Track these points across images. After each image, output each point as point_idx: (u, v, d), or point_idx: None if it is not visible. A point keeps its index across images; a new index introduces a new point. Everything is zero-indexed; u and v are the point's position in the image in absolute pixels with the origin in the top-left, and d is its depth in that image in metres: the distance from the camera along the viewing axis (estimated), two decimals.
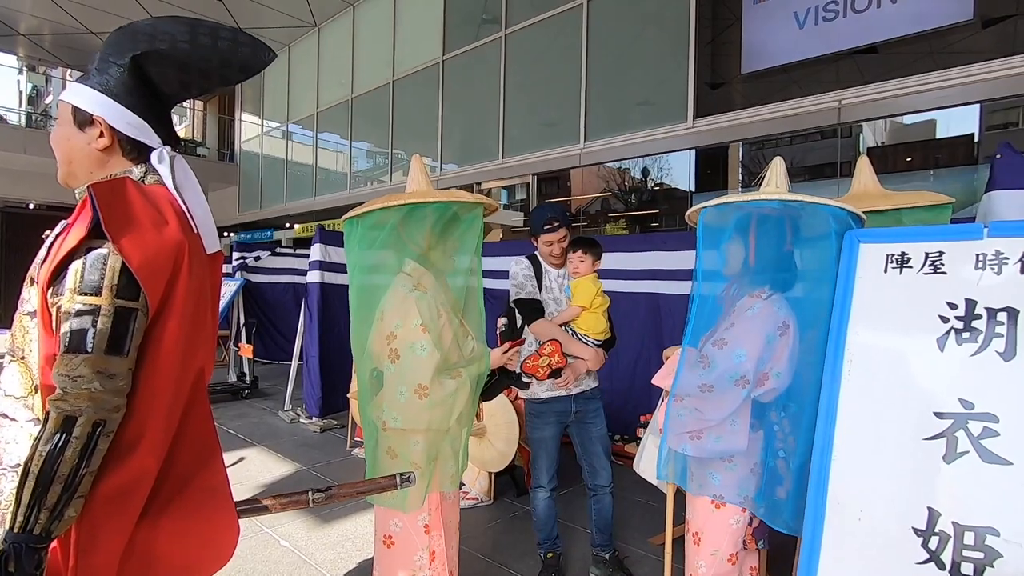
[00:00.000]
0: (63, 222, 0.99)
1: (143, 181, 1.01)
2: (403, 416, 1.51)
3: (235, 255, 6.55)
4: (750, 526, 1.46)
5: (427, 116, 8.39)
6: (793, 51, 5.22)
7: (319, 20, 10.20)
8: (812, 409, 1.31)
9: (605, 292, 2.25)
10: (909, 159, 5.23)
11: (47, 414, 0.84)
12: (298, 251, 7.30)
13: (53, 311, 0.89)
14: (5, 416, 0.94)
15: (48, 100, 20.28)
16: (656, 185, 6.90)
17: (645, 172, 6.96)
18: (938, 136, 4.95)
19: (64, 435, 0.83)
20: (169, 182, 1.02)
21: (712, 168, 6.36)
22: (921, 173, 5.01)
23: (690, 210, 1.66)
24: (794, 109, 5.14)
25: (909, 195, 1.80)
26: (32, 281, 0.95)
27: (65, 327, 0.86)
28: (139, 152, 1.04)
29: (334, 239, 4.90)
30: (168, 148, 1.06)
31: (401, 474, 1.10)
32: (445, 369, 1.54)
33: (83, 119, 1.00)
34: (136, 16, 9.13)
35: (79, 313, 0.86)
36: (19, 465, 0.92)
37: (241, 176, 13.12)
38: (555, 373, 2.05)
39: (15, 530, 0.81)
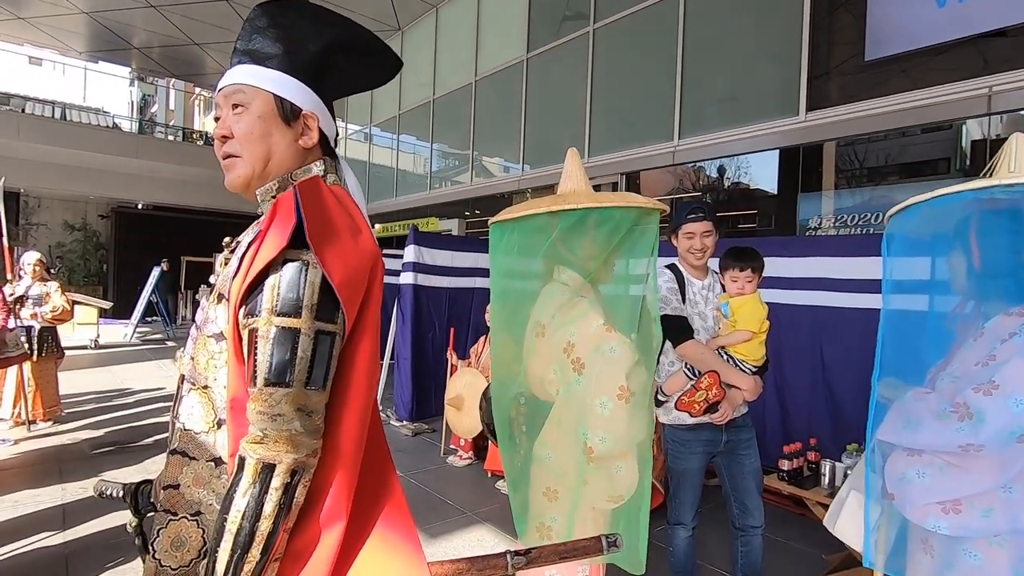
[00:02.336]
0: (252, 228, 0.87)
1: (325, 180, 0.88)
2: (612, 433, 1.25)
3: None
4: None
5: (509, 116, 8.28)
6: (931, 34, 4.64)
7: (403, 23, 10.36)
8: None
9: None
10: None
11: (241, 460, 0.71)
12: (385, 251, 7.40)
13: (245, 334, 0.75)
14: (185, 455, 0.82)
15: (154, 109, 22.00)
16: (738, 184, 6.49)
17: (722, 170, 6.57)
18: None
19: (262, 486, 0.69)
20: (353, 183, 0.89)
21: (809, 166, 5.85)
22: None
23: (896, 208, 1.34)
24: (931, 97, 4.57)
25: None
26: (220, 298, 0.82)
27: (263, 355, 0.72)
28: (326, 150, 0.92)
29: (428, 240, 4.86)
30: None
31: (607, 536, 0.91)
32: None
33: (290, 112, 0.87)
34: (234, 26, 9.62)
35: (278, 339, 0.72)
36: (200, 513, 0.80)
37: None
38: (711, 408, 1.81)
39: None
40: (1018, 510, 1.11)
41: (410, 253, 4.71)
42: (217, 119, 0.90)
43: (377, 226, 12.08)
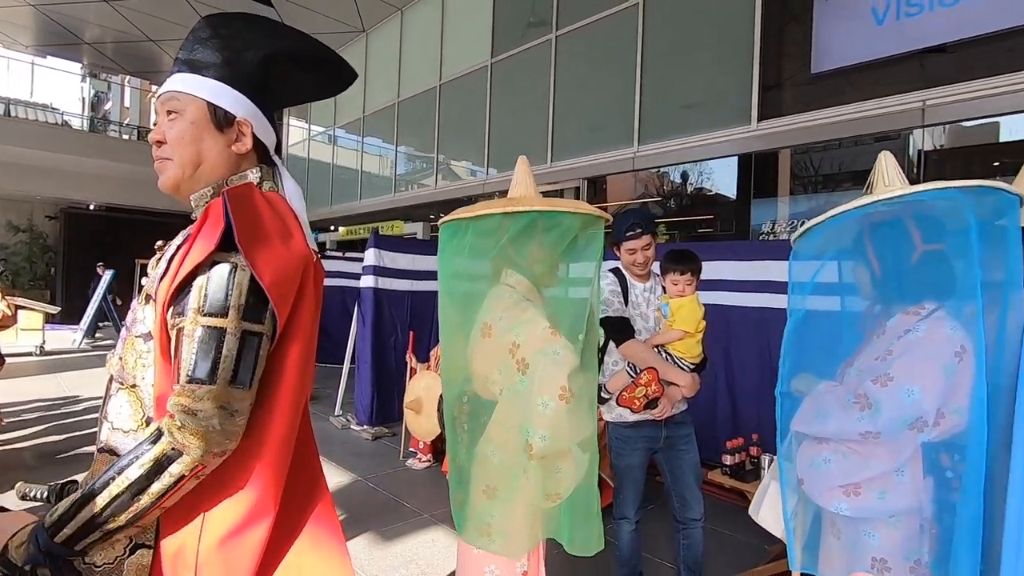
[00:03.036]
0: (184, 232, 0.89)
1: (260, 187, 0.91)
2: (552, 432, 1.27)
3: None
4: None
5: (473, 120, 8.33)
6: (871, 49, 4.91)
7: (368, 25, 10.29)
8: (1001, 449, 1.11)
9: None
10: (961, 168, 4.90)
11: (157, 434, 0.75)
12: (347, 254, 7.32)
13: (173, 334, 0.78)
14: (113, 453, 0.84)
15: (108, 106, 21.21)
16: (699, 189, 6.70)
17: (685, 176, 6.77)
18: (1001, 140, 4.59)
19: (160, 468, 0.73)
20: (292, 188, 0.92)
21: (763, 173, 6.09)
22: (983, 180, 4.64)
23: (800, 229, 1.44)
24: (874, 110, 4.83)
25: None
26: (148, 298, 0.84)
27: (187, 352, 0.75)
28: (261, 156, 0.95)
29: (389, 244, 4.85)
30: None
31: None
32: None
33: (224, 119, 0.90)
34: (192, 23, 9.53)
35: (204, 338, 0.75)
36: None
37: None
38: (651, 403, 1.89)
39: (54, 539, 0.74)
40: (908, 492, 1.21)
41: (370, 256, 4.70)
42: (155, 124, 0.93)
43: (341, 229, 11.95)
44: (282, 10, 9.49)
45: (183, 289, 0.78)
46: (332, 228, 12.14)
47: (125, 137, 16.11)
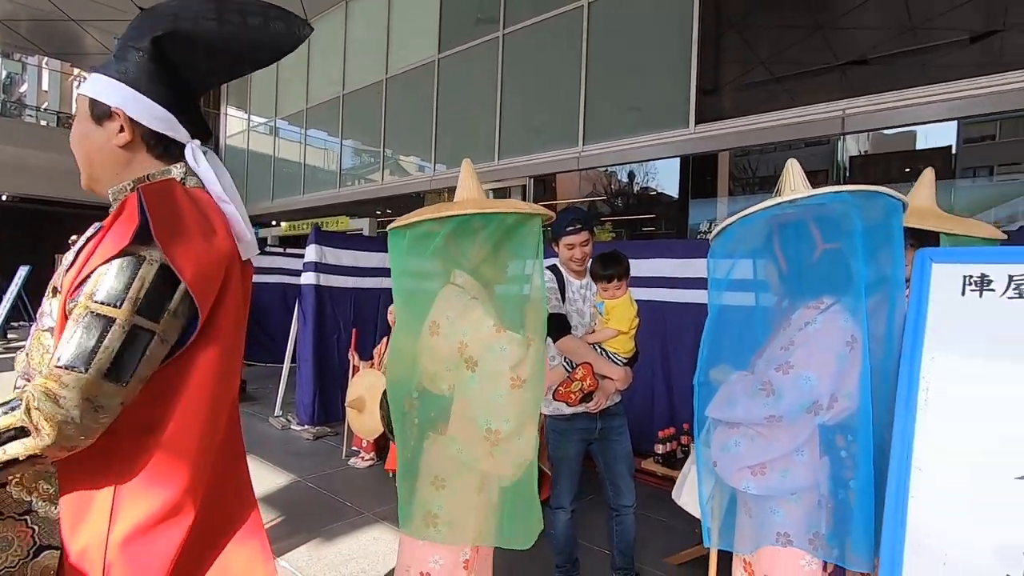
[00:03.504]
0: (95, 225, 0.86)
1: (184, 183, 0.90)
2: (512, 413, 1.36)
3: None
4: (825, 572, 1.36)
5: (420, 115, 8.25)
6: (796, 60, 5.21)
7: (310, 14, 9.98)
8: (885, 430, 1.23)
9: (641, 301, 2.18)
10: (884, 172, 5.31)
11: (13, 403, 0.71)
12: (288, 250, 7.12)
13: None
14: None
15: (23, 88, 19.65)
16: (644, 189, 6.92)
17: (631, 176, 6.97)
18: (918, 147, 5.00)
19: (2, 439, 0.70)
20: (215, 184, 0.90)
21: (702, 174, 6.36)
22: (903, 185, 5.02)
23: (716, 229, 1.55)
24: (798, 117, 5.12)
25: (966, 223, 1.74)
26: (55, 291, 0.82)
27: (67, 335, 0.72)
28: (165, 148, 0.91)
29: (331, 240, 4.76)
30: (198, 143, 0.94)
31: None
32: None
33: (101, 112, 0.87)
34: (119, 4, 8.78)
35: (89, 324, 0.72)
36: (31, 512, 0.80)
37: None
38: (586, 397, 1.96)
39: None
40: (807, 470, 1.32)
41: (311, 253, 4.59)
42: None
43: (283, 224, 11.57)
44: None
45: (87, 280, 0.75)
46: (273, 223, 11.74)
47: (43, 123, 14.96)
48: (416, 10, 8.51)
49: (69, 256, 0.84)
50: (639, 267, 4.02)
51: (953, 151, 4.66)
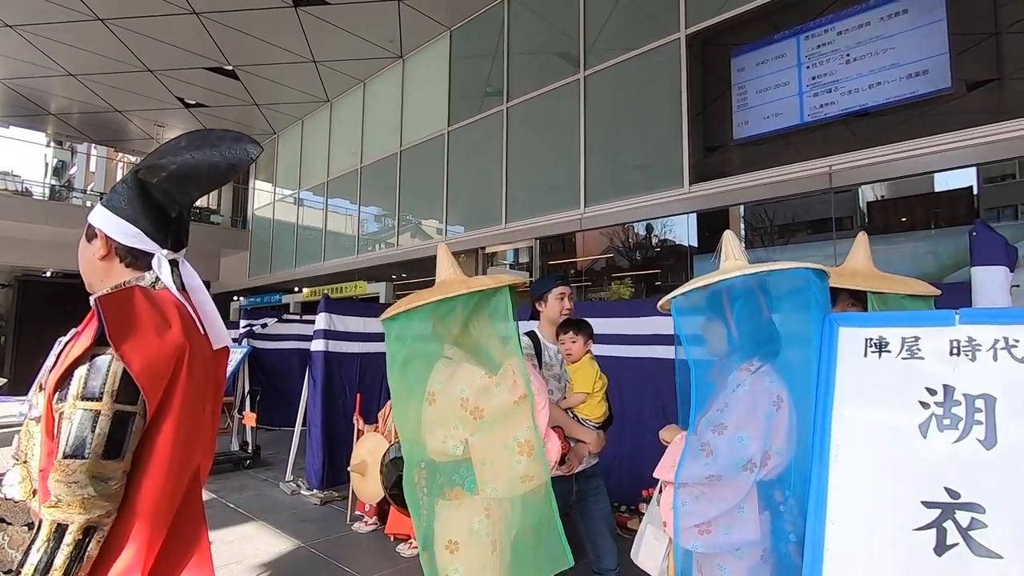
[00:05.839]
0: (73, 330, 1.06)
1: (153, 287, 1.08)
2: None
3: (242, 323, 6.65)
4: None
5: (433, 183, 8.70)
6: (784, 119, 5.44)
7: (331, 95, 10.78)
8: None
9: (608, 357, 2.28)
10: (905, 217, 5.30)
11: (40, 521, 0.87)
12: (304, 317, 7.40)
13: (56, 416, 0.93)
14: (3, 520, 0.96)
15: (72, 171, 21.20)
16: (659, 244, 7.06)
17: (649, 228, 7.13)
18: (937, 190, 4.96)
19: (55, 543, 0.85)
20: (171, 285, 1.09)
21: (712, 227, 6.47)
22: (922, 232, 5.01)
23: (661, 300, 1.68)
24: (787, 175, 5.30)
25: (899, 281, 1.83)
26: (40, 387, 1.00)
27: (65, 432, 0.90)
28: (136, 258, 1.10)
29: (339, 307, 4.98)
30: (168, 252, 1.12)
31: None
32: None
33: (91, 233, 1.11)
34: (159, 95, 9.55)
35: (81, 419, 0.90)
36: (11, 572, 0.94)
37: (252, 241, 13.47)
38: (560, 460, 2.05)
39: None
40: (750, 525, 1.39)
41: (321, 320, 4.81)
42: None
43: (305, 290, 12.00)
44: (252, 85, 9.93)
45: (66, 378, 0.93)
46: (295, 289, 12.19)
47: (89, 204, 16.06)
48: (427, 88, 9.14)
49: (51, 358, 1.03)
50: (638, 325, 4.14)
51: (974, 191, 4.60)
